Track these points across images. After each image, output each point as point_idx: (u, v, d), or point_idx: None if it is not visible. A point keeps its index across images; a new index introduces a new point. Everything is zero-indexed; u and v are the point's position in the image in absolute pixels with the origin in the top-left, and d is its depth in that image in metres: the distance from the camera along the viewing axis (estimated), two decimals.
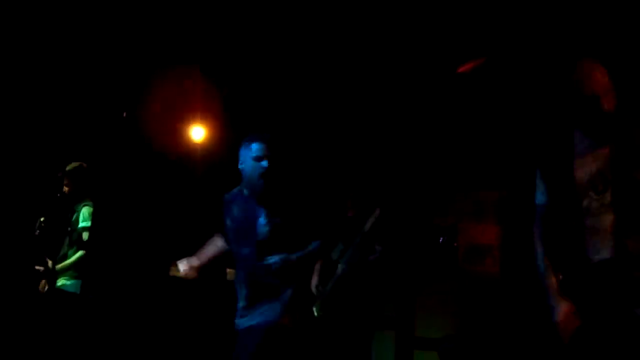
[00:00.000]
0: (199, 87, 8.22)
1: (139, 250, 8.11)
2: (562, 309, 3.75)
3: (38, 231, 6.51)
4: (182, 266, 5.19)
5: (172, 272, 5.41)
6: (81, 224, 6.80)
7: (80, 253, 6.74)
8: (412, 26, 6.90)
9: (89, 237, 6.78)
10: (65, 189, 6.84)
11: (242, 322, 4.82)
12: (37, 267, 6.63)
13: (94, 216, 6.88)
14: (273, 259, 4.65)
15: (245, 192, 4.94)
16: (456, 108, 8.05)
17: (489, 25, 6.73)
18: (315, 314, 6.72)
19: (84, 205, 6.89)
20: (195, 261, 5.20)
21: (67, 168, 6.92)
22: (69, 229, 6.91)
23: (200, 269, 5.21)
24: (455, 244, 8.71)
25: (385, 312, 8.15)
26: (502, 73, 7.31)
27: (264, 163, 4.76)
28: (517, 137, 7.77)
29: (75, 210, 6.92)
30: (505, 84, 7.44)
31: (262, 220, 4.77)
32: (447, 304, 8.28)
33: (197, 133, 8.77)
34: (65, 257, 6.80)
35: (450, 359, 7.80)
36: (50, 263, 6.49)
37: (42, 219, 6.52)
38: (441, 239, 8.76)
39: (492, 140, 8.09)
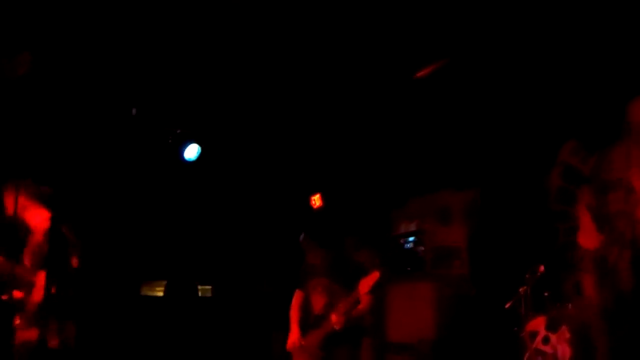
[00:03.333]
0: None
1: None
2: None
3: None
4: None
5: None
6: None
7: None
8: (373, 28, 6.94)
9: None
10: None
11: None
12: None
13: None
14: None
15: None
16: (416, 109, 8.11)
17: (448, 28, 6.80)
18: None
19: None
20: None
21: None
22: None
23: None
24: (422, 249, 8.76)
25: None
26: (465, 75, 7.38)
27: None
28: (483, 137, 7.85)
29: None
30: (467, 85, 7.52)
31: None
32: (419, 308, 8.31)
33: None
34: None
35: None
36: None
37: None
38: (407, 244, 8.83)
39: (457, 141, 8.16)
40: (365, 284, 5.99)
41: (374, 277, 5.98)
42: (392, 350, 8.41)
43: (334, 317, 5.99)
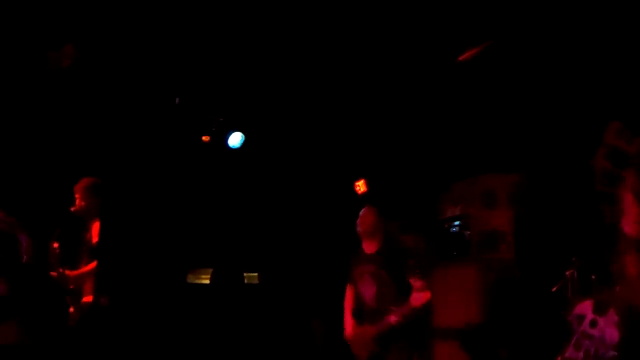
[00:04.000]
0: None
1: (153, 259, 8.15)
2: None
3: (55, 242, 6.59)
4: None
5: None
6: (95, 240, 6.82)
7: (95, 264, 6.76)
8: (416, 11, 6.93)
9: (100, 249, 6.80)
10: (78, 203, 6.87)
11: None
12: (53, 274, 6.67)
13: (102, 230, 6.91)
14: None
15: None
16: (461, 93, 8.07)
17: (490, 10, 6.75)
18: None
19: (97, 220, 6.91)
20: None
21: (80, 184, 6.95)
22: (82, 245, 6.95)
23: None
24: (469, 232, 8.70)
25: None
26: (509, 57, 7.33)
27: None
28: (530, 121, 7.78)
29: (88, 226, 6.95)
30: (511, 68, 7.47)
31: None
32: (465, 292, 8.26)
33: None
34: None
35: (472, 348, 7.81)
36: (65, 273, 6.56)
37: (58, 231, 6.61)
38: (454, 227, 8.77)
39: (501, 124, 8.10)
40: (417, 300, 5.99)
41: (426, 296, 5.99)
42: (438, 335, 8.37)
43: (392, 319, 6.01)
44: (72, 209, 6.85)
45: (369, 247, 6.49)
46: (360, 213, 6.58)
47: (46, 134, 7.96)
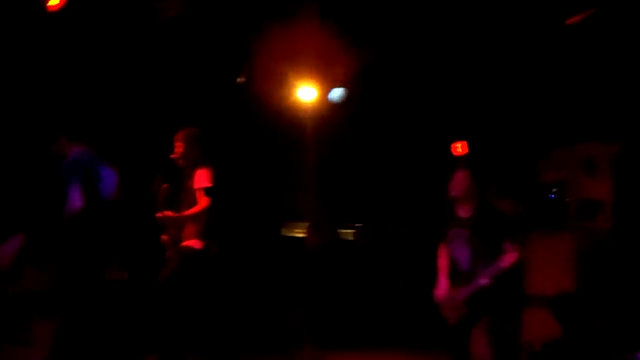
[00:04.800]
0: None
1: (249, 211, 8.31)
2: None
3: (155, 186, 6.81)
4: None
5: None
6: (197, 186, 6.98)
7: (198, 208, 6.92)
8: None
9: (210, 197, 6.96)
10: (179, 151, 7.05)
11: None
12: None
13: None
14: None
15: None
16: (565, 59, 7.92)
17: None
18: None
19: (198, 169, 7.06)
20: None
21: (182, 133, 7.11)
22: (183, 191, 7.13)
23: None
24: (567, 200, 8.58)
25: None
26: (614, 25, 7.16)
27: None
28: (632, 88, 7.60)
29: (188, 173, 7.12)
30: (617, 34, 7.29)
31: None
32: (559, 260, 8.17)
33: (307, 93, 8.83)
34: None
35: (565, 317, 7.74)
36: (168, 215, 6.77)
37: (158, 176, 6.80)
38: (552, 194, 8.65)
39: (605, 92, 7.93)
40: (506, 261, 5.96)
41: (514, 257, 5.95)
42: (531, 303, 8.33)
43: (481, 281, 5.99)
44: (173, 156, 7.03)
45: (463, 210, 6.44)
46: (454, 177, 6.52)
47: (147, 85, 8.16)
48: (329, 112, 8.92)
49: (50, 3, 6.82)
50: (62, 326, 6.03)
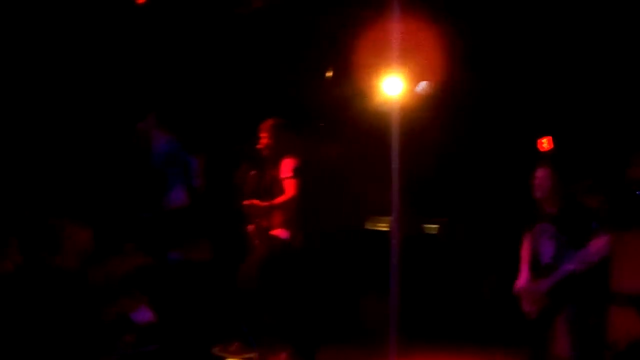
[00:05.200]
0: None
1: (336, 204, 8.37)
2: None
3: (241, 176, 6.94)
4: None
5: None
6: (284, 175, 7.09)
7: (285, 197, 7.02)
8: None
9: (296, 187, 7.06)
10: (265, 142, 7.17)
11: None
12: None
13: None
14: None
15: None
16: None
17: None
18: None
19: (284, 158, 7.17)
20: None
21: (268, 123, 7.23)
22: (270, 181, 7.24)
23: None
24: None
25: None
26: None
27: None
28: None
29: (275, 163, 7.23)
30: None
31: None
32: None
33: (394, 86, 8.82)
34: None
35: None
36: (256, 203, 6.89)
37: (244, 166, 6.95)
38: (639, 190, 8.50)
39: None
40: (594, 247, 5.90)
41: (601, 243, 5.88)
42: (616, 301, 8.18)
43: (569, 266, 5.94)
44: (259, 146, 7.15)
45: (549, 206, 6.40)
46: (536, 177, 6.46)
47: (231, 76, 8.28)
48: (415, 105, 8.90)
49: None
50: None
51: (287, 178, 7.01)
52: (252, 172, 7.25)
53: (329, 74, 8.49)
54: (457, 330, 9.35)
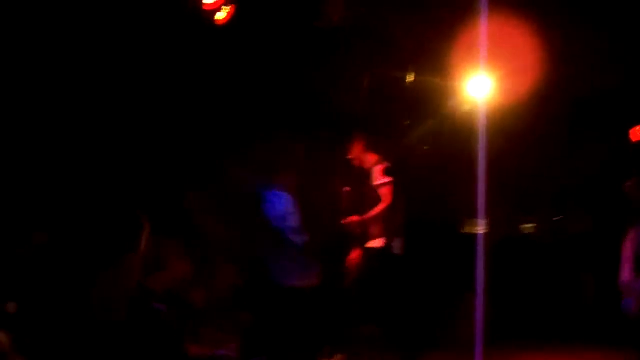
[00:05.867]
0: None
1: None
2: None
3: (336, 191, 6.99)
4: None
5: None
6: (376, 182, 7.11)
7: (381, 206, 7.04)
8: None
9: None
10: (355, 153, 7.20)
11: None
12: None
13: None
14: None
15: None
16: None
17: None
18: None
19: (375, 166, 7.19)
20: None
21: (355, 134, 7.26)
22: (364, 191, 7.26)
23: None
24: None
25: None
26: None
27: None
28: None
29: (366, 173, 7.24)
30: None
31: None
32: None
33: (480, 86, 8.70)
34: None
35: None
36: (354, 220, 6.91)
37: (337, 180, 6.99)
38: None
39: None
40: None
41: None
42: None
43: None
44: (349, 156, 7.20)
45: None
46: (629, 188, 6.35)
47: (313, 90, 8.28)
48: (504, 105, 8.76)
49: (217, 18, 7.11)
50: (253, 321, 6.25)
51: (380, 185, 7.06)
52: (346, 189, 7.29)
53: (411, 77, 8.43)
54: (557, 330, 9.15)
